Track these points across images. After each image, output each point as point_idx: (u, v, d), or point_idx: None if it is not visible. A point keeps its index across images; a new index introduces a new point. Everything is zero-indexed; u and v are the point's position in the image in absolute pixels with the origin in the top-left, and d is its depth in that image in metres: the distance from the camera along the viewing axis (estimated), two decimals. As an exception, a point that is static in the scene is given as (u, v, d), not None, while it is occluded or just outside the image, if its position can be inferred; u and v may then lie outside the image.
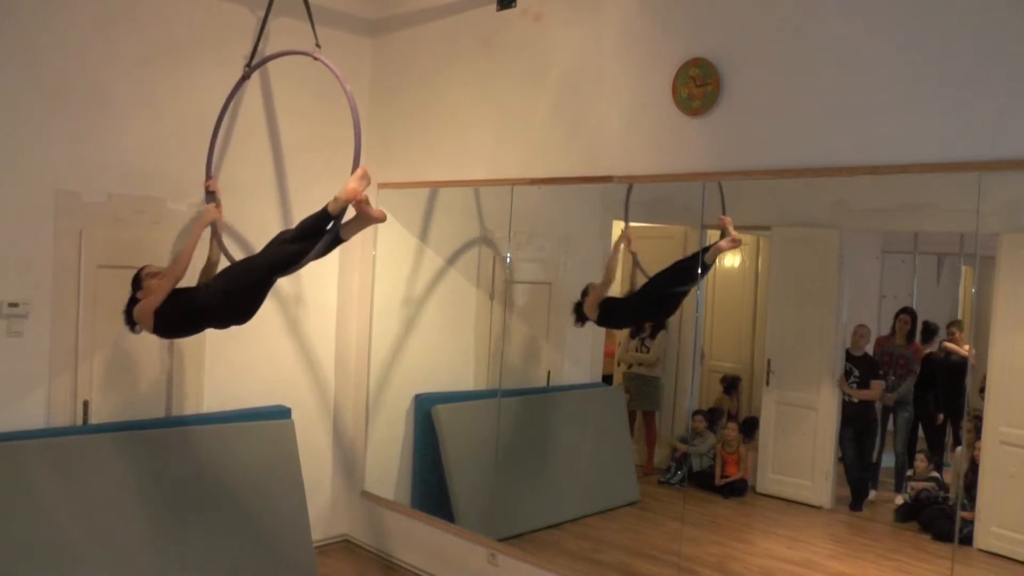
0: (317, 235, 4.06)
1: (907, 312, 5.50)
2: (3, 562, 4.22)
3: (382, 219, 4.23)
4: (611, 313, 5.41)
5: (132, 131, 4.90)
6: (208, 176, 4.95)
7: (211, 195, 4.92)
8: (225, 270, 4.50)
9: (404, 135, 5.77)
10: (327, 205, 4.01)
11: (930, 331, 5.39)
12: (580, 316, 5.40)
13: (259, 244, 5.30)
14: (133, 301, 4.37)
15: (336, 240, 4.13)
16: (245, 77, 5.04)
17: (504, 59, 5.16)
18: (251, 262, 4.38)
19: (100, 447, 4.68)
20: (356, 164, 4.07)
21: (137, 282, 4.38)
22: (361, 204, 4.06)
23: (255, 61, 5.08)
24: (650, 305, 5.42)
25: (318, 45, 4.84)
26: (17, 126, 4.48)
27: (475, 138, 5.31)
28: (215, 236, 4.78)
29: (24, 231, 4.54)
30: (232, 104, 5.13)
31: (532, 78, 5.01)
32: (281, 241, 4.27)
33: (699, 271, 4.83)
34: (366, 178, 4.00)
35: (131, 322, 4.39)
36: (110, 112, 4.81)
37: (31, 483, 4.39)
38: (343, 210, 4.00)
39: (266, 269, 4.21)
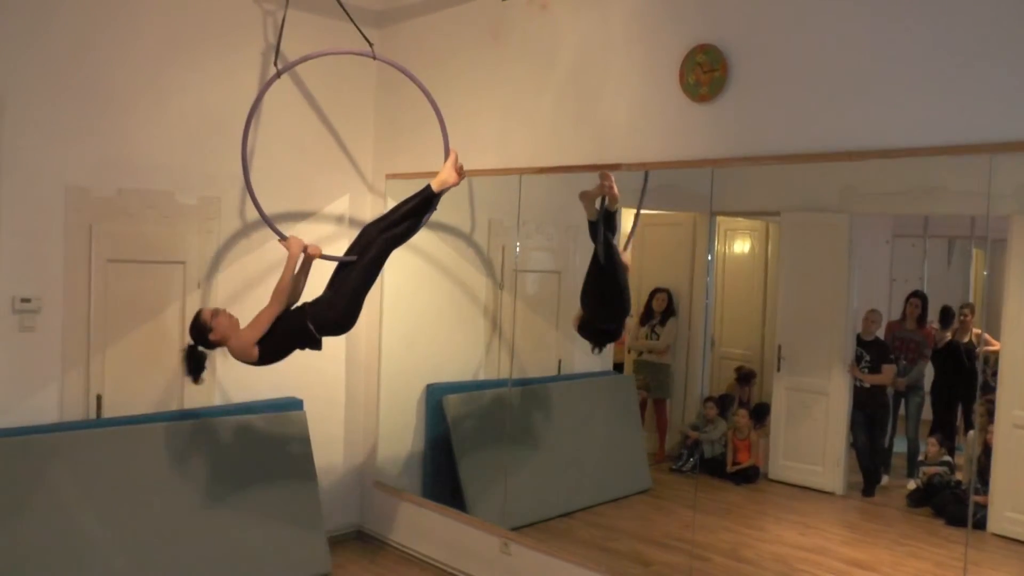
0: (422, 212, 4.62)
1: (917, 296, 5.49)
2: (19, 555, 4.25)
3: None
4: (585, 327, 5.13)
5: (140, 126, 4.91)
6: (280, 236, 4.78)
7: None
8: (339, 278, 4.54)
9: (411, 125, 5.77)
10: (430, 186, 4.56)
11: (948, 317, 5.37)
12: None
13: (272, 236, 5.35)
14: (199, 346, 4.42)
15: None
16: (277, 76, 4.90)
17: (511, 48, 5.15)
18: (365, 259, 4.50)
19: (113, 441, 4.70)
20: (447, 152, 4.72)
21: (201, 327, 4.37)
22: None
23: (276, 57, 5.09)
24: (600, 309, 5.00)
25: (371, 44, 5.09)
26: (26, 122, 4.49)
27: (483, 127, 5.31)
28: (303, 267, 4.65)
29: (35, 226, 4.56)
30: (243, 97, 5.14)
31: (539, 67, 5.00)
32: (381, 229, 4.56)
33: (601, 246, 4.74)
34: (458, 163, 4.58)
35: (197, 370, 4.45)
36: (118, 107, 4.83)
37: (45, 477, 4.41)
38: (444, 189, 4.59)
39: (383, 258, 4.57)
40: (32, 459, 4.40)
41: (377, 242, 4.51)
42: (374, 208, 5.98)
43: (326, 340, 5.81)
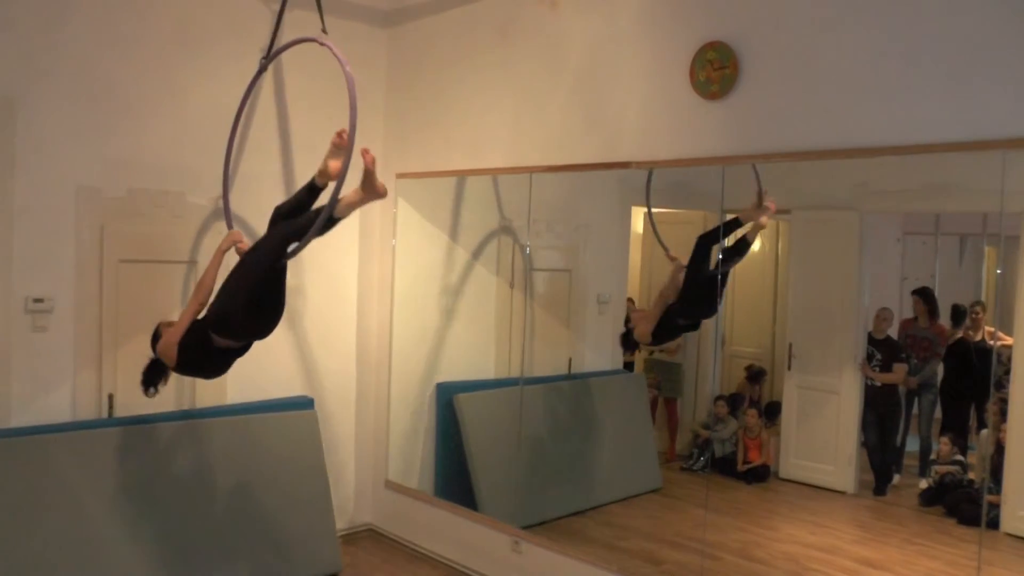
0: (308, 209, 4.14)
1: (918, 293, 5.44)
2: (32, 552, 4.27)
3: (382, 195, 4.04)
4: (667, 328, 5.29)
5: (151, 126, 4.93)
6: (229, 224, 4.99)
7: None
8: (235, 267, 4.20)
9: (421, 125, 5.77)
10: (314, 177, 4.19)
11: (960, 314, 5.34)
12: (630, 344, 5.39)
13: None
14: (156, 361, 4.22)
15: (331, 219, 4.00)
16: (262, 70, 5.08)
17: (520, 46, 5.15)
18: (257, 249, 4.17)
19: (126, 439, 4.72)
20: (351, 146, 4.01)
21: (156, 339, 4.20)
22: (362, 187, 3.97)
23: (270, 53, 5.12)
24: (696, 304, 5.21)
25: (324, 31, 4.83)
26: (39, 123, 4.51)
27: (493, 126, 5.31)
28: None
29: (47, 227, 4.58)
30: (253, 97, 5.17)
31: (549, 65, 5.00)
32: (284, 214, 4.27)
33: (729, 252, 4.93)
34: (341, 149, 4.03)
35: (150, 382, 4.18)
36: (129, 108, 4.84)
37: (58, 476, 4.43)
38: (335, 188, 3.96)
39: (274, 252, 4.06)
40: (45, 458, 4.42)
41: (271, 233, 4.18)
42: (384, 207, 5.99)
43: (333, 338, 5.88)
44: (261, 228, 5.31)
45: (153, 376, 4.21)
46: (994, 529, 4.46)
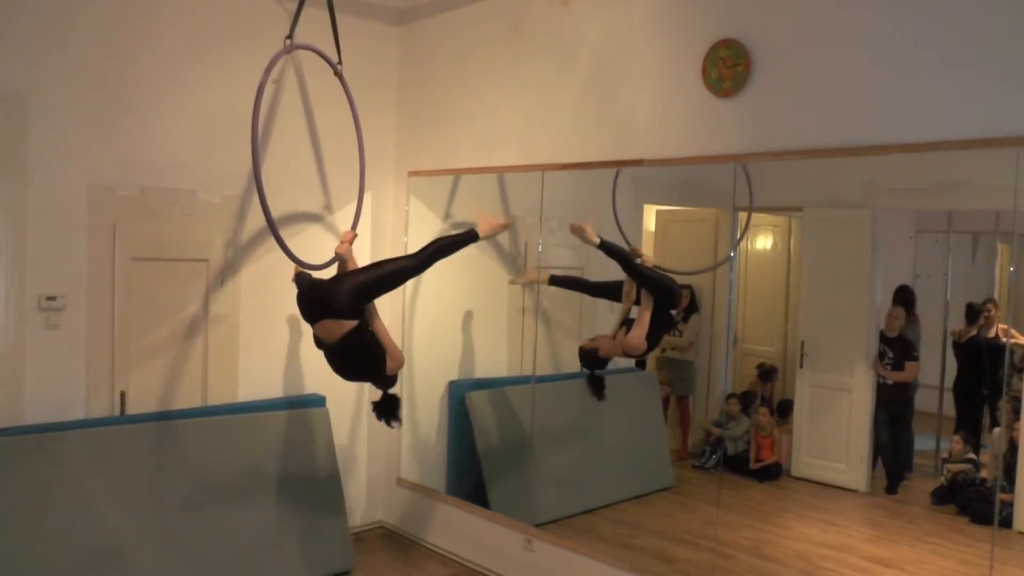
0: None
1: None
2: (44, 550, 4.29)
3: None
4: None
5: (163, 124, 4.95)
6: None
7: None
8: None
9: (433, 122, 5.78)
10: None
11: (975, 312, 5.31)
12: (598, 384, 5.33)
13: (294, 235, 5.37)
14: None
15: None
16: (286, 51, 5.06)
17: (532, 44, 5.15)
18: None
19: (138, 437, 4.74)
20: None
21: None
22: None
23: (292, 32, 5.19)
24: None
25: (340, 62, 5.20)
26: (51, 122, 4.54)
27: (505, 124, 5.31)
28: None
29: (60, 225, 4.60)
30: (265, 99, 5.19)
31: (561, 62, 5.00)
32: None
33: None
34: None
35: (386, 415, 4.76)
36: (141, 106, 4.86)
37: (71, 473, 4.45)
38: None
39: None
40: (57, 456, 4.44)
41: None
42: (396, 206, 6.00)
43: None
44: (286, 224, 5.37)
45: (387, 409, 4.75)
46: (1007, 528, 4.43)
